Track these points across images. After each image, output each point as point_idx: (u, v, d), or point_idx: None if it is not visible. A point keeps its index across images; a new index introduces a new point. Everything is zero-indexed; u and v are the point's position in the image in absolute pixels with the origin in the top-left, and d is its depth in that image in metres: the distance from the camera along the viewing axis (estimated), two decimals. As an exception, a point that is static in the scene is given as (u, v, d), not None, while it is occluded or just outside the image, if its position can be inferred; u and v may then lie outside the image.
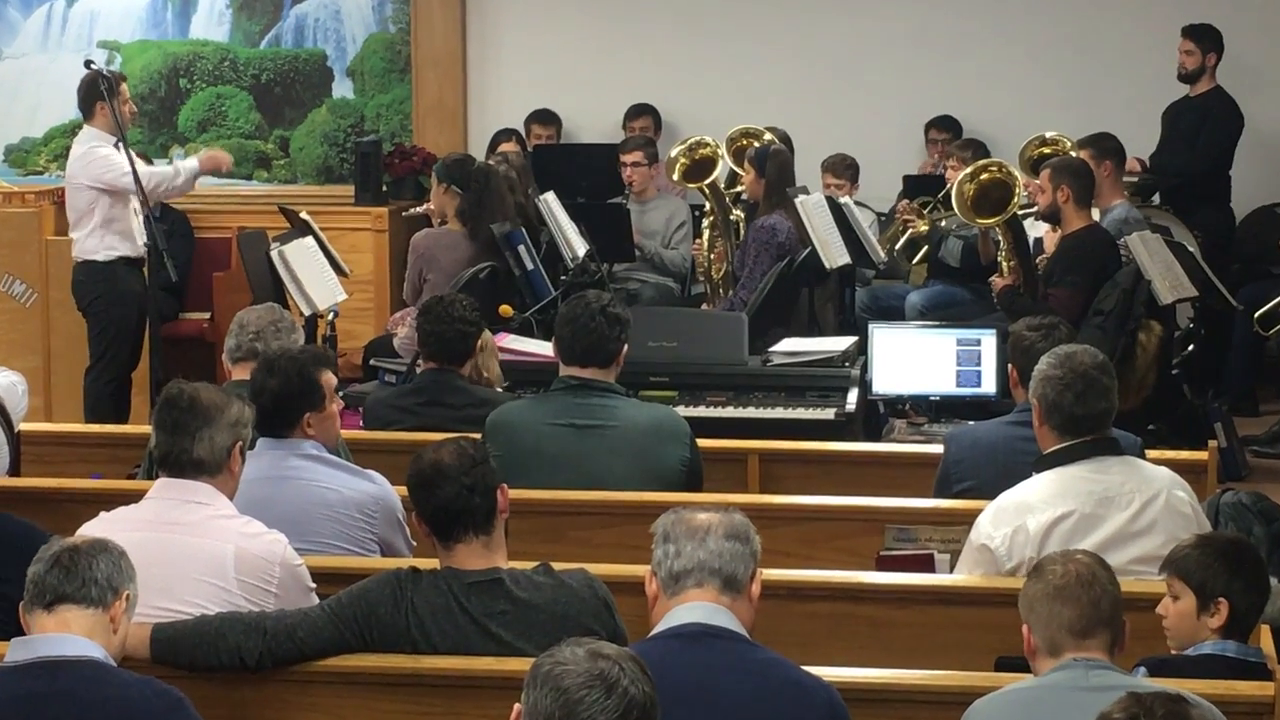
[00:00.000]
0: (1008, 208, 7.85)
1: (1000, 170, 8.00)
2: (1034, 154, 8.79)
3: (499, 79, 10.73)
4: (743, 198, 8.92)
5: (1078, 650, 3.43)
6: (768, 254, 7.99)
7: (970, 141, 9.20)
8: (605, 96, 10.49)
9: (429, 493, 3.78)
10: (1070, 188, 7.49)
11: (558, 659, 2.75)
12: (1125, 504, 4.34)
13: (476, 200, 7.84)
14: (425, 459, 3.82)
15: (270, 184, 10.84)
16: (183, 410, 4.05)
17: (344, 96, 10.88)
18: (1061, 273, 7.46)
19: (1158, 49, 9.65)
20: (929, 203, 9.07)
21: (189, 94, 10.90)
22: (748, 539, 3.47)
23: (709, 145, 8.95)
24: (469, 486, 3.75)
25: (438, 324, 5.75)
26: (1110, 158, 8.20)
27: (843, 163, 9.35)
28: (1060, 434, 4.42)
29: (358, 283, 9.10)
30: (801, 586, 4.38)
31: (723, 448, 5.74)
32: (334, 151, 10.87)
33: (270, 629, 3.77)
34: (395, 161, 10.44)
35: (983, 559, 4.36)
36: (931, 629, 4.30)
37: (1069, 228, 7.55)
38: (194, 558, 3.93)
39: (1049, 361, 4.47)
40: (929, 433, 6.64)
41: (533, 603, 3.74)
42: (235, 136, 10.89)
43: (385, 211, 10.06)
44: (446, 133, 10.68)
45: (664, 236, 9.40)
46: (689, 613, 3.38)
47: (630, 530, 4.63)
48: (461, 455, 3.79)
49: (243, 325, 5.50)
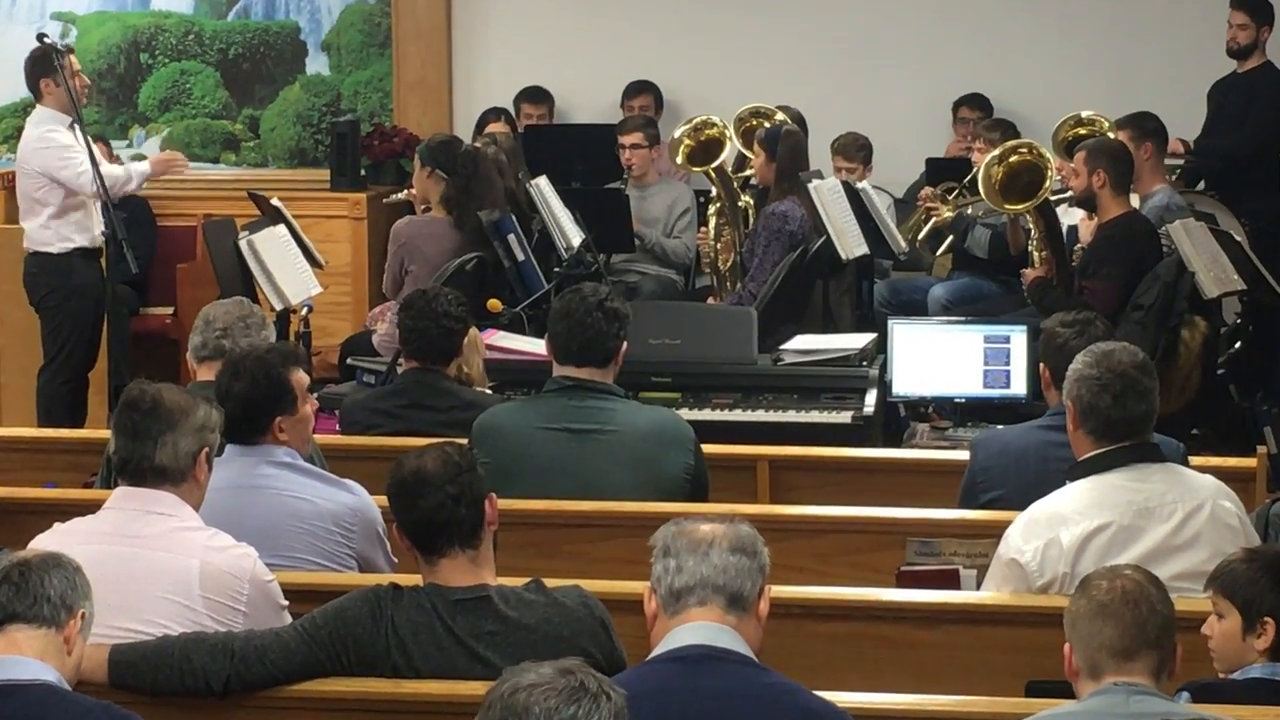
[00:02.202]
0: (1039, 193, 7.85)
1: (1031, 152, 8.00)
2: (1068, 135, 8.79)
3: (486, 54, 10.73)
4: (752, 182, 8.93)
5: (1119, 673, 3.43)
6: (779, 243, 7.99)
7: (999, 121, 9.20)
8: (602, 72, 10.49)
9: (411, 502, 3.78)
10: (1107, 172, 7.49)
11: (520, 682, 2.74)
12: (1167, 515, 4.34)
13: (463, 185, 7.85)
14: (407, 466, 3.82)
15: (239, 168, 10.84)
16: (144, 413, 4.05)
17: (319, 73, 10.88)
18: (1098, 264, 7.46)
19: (1203, 21, 9.65)
20: (954, 188, 9.07)
21: (150, 70, 10.90)
22: (755, 552, 3.47)
23: (715, 126, 8.95)
24: (454, 496, 3.76)
25: (420, 320, 5.75)
26: (1151, 139, 8.19)
27: (854, 143, 9.32)
28: (1096, 439, 4.42)
29: (333, 275, 9.10)
30: (815, 605, 4.38)
31: (729, 454, 5.75)
32: (308, 133, 10.87)
33: (238, 651, 3.78)
34: (374, 143, 10.44)
35: (1012, 575, 4.36)
36: (956, 651, 4.31)
37: (1106, 215, 7.55)
38: (156, 573, 3.93)
39: (1084, 360, 4.47)
40: (954, 438, 6.65)
41: (523, 622, 3.74)
42: (200, 116, 10.89)
43: (363, 198, 10.06)
44: (430, 112, 10.68)
45: (666, 225, 9.40)
46: (691, 633, 3.39)
47: (629, 544, 4.63)
48: (446, 462, 3.80)
49: (209, 321, 5.50)
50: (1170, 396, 6.66)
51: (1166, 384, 6.02)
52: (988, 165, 8.00)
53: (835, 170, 9.16)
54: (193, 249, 9.70)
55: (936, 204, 9.00)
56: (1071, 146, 8.21)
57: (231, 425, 4.50)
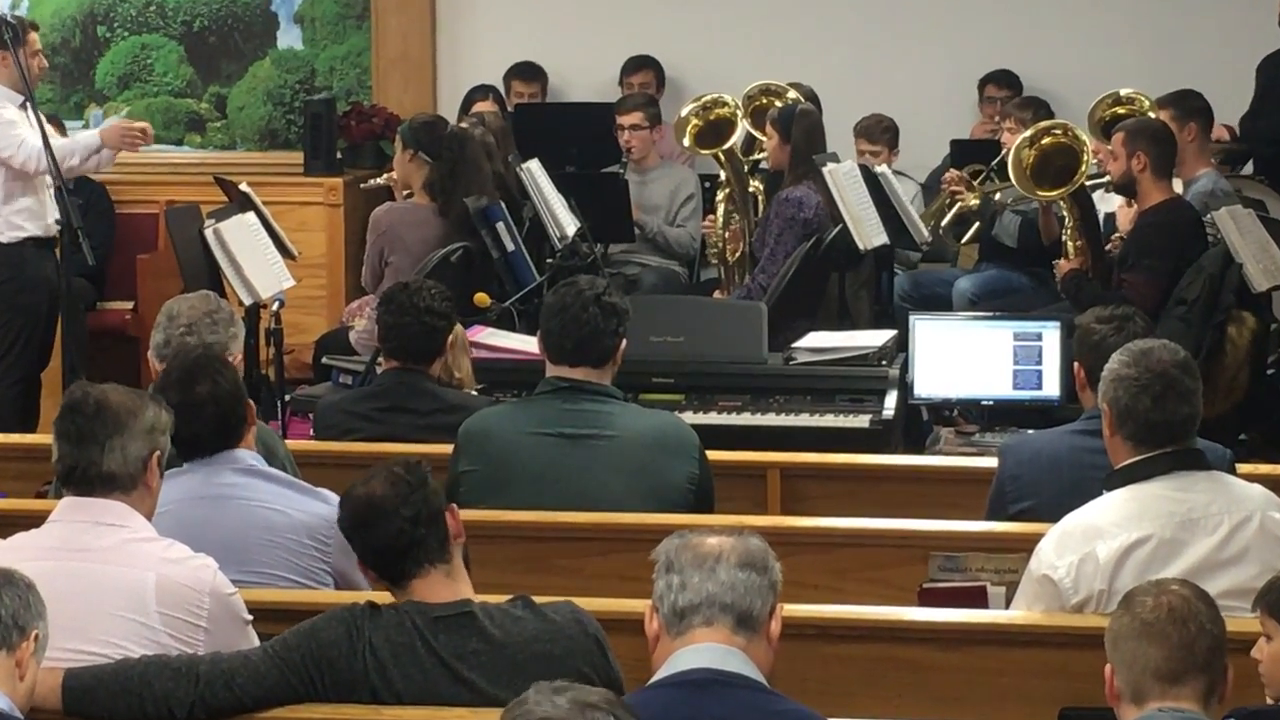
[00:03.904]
0: (1074, 178, 7.85)
1: (1065, 134, 8.00)
2: (1106, 115, 8.79)
3: (474, 27, 10.73)
4: (762, 166, 8.93)
5: (1164, 698, 3.43)
6: (791, 232, 8.00)
7: (1031, 100, 9.21)
8: (599, 47, 10.50)
9: (367, 534, 3.83)
10: (1148, 154, 7.49)
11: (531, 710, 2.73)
12: (1212, 528, 4.34)
13: (448, 170, 7.85)
14: (355, 496, 3.87)
15: (204, 150, 10.84)
16: (89, 416, 4.05)
17: (291, 47, 10.88)
18: (1137, 255, 7.47)
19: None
20: (981, 172, 9.08)
21: (108, 44, 10.90)
22: (766, 568, 3.47)
23: (727, 105, 8.95)
24: (411, 518, 3.80)
25: (401, 315, 5.75)
26: (1195, 119, 8.20)
27: (878, 125, 9.35)
28: (1135, 445, 4.42)
29: (307, 267, 9.09)
30: (830, 624, 4.39)
31: (738, 461, 5.76)
32: (279, 112, 10.87)
33: (204, 675, 3.77)
34: (352, 124, 10.45)
35: (1044, 592, 4.36)
36: (984, 675, 4.30)
37: (1146, 202, 7.55)
38: (109, 589, 3.92)
39: (1122, 359, 4.47)
40: (981, 443, 6.65)
41: (510, 641, 3.75)
42: (163, 94, 10.89)
43: (340, 183, 10.06)
44: (412, 90, 10.68)
45: (668, 212, 9.41)
46: (696, 656, 3.38)
47: (628, 559, 4.64)
48: (395, 483, 3.83)
49: (172, 317, 5.49)
50: (1216, 398, 6.66)
51: (1211, 385, 6.01)
52: (1018, 148, 8.01)
53: (858, 154, 9.17)
54: (154, 239, 9.70)
55: (961, 189, 9.00)
56: (1109, 127, 8.21)
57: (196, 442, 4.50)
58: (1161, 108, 8.30)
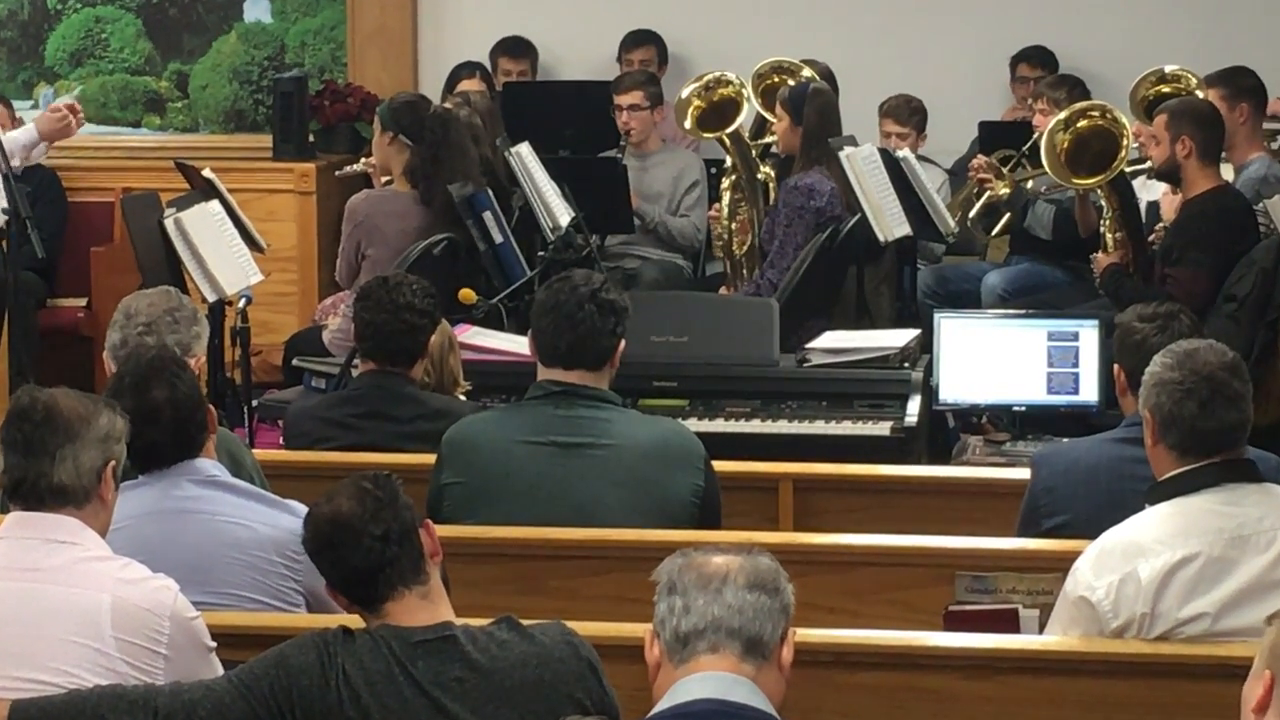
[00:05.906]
0: (1113, 165, 7.86)
1: (1103, 116, 8.00)
2: (1148, 94, 8.81)
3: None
4: (773, 150, 8.93)
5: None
6: (801, 223, 8.00)
7: (1066, 79, 9.22)
8: (595, 20, 10.51)
9: (335, 556, 3.82)
10: (1194, 138, 7.50)
11: None
12: (1265, 545, 4.34)
13: (431, 154, 7.86)
14: (319, 514, 3.86)
15: (164, 133, 10.86)
16: (37, 424, 4.04)
17: (259, 20, 10.89)
18: (1183, 248, 7.47)
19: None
20: (1012, 157, 9.08)
21: (59, 17, 10.91)
22: (777, 590, 3.47)
23: (731, 84, 8.97)
24: (381, 536, 3.79)
25: (380, 313, 5.75)
26: (1247, 99, 8.21)
27: (907, 105, 9.37)
28: (1180, 455, 4.42)
29: (277, 260, 9.11)
30: (847, 651, 4.38)
31: (747, 472, 5.77)
32: (246, 91, 10.88)
33: (163, 707, 3.77)
34: (325, 104, 10.46)
35: (1081, 615, 4.36)
36: (1015, 705, 4.31)
37: (1192, 190, 7.55)
38: (60, 613, 3.92)
39: (1165, 362, 4.47)
40: (1012, 453, 6.66)
41: (496, 667, 3.74)
42: (119, 72, 10.90)
43: (312, 169, 10.08)
44: (391, 67, 10.70)
45: (671, 200, 9.41)
46: (700, 685, 3.38)
47: (627, 579, 4.65)
48: (363, 498, 3.82)
49: (129, 315, 5.49)
50: (1268, 403, 6.67)
51: (1263, 389, 6.02)
52: (1052, 131, 8.01)
53: (884, 137, 9.18)
54: (110, 229, 9.71)
55: (990, 176, 9.01)
56: (1152, 108, 8.22)
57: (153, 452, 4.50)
58: (1210, 86, 8.30)
